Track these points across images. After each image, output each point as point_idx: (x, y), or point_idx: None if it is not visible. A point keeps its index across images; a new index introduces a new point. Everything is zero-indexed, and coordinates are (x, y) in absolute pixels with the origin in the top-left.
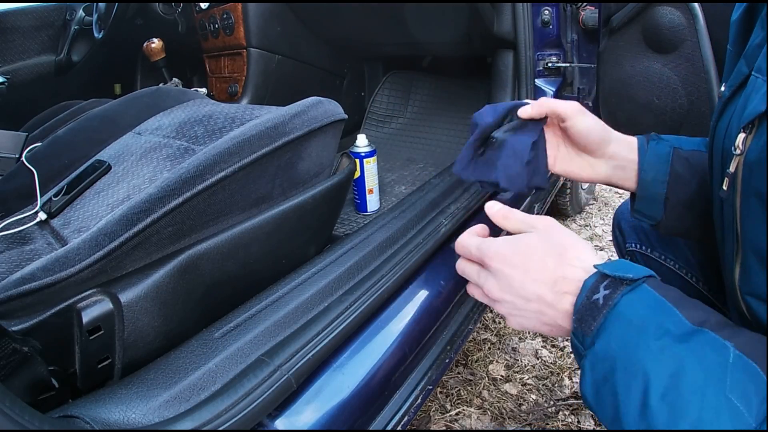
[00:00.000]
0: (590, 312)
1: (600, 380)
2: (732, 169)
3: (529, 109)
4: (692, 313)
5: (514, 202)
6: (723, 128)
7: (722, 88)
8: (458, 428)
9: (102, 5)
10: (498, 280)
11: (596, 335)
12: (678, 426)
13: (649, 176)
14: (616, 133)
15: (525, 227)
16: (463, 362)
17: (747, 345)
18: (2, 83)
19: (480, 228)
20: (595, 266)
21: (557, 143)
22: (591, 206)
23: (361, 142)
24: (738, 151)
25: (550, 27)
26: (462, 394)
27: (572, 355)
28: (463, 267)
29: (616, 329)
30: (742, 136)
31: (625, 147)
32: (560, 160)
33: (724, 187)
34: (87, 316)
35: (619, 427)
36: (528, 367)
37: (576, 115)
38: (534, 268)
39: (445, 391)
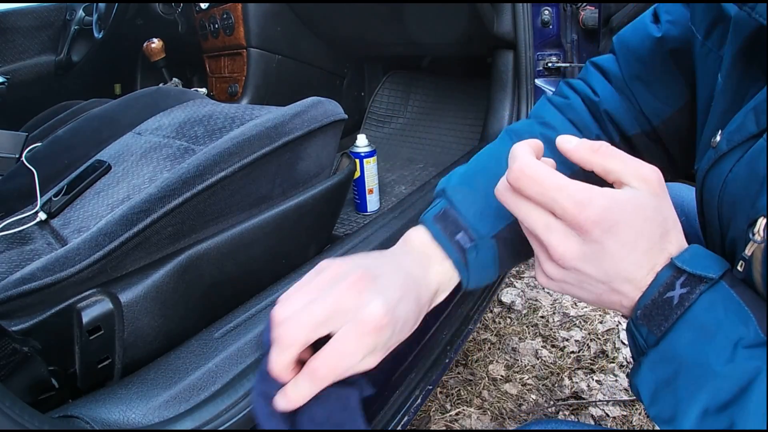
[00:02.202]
0: (662, 311)
1: (661, 382)
2: (748, 252)
3: (288, 404)
4: (765, 320)
5: None
6: (716, 184)
7: (717, 137)
8: (458, 428)
9: (102, 5)
10: (587, 246)
11: (666, 337)
12: None
13: (477, 284)
14: (419, 288)
15: (628, 176)
16: (463, 362)
17: None
18: (2, 83)
19: (551, 161)
20: (672, 258)
21: None
22: None
23: (361, 142)
24: (758, 238)
25: (550, 27)
26: (462, 394)
27: (572, 355)
28: (520, 207)
29: (687, 332)
30: (762, 221)
31: (434, 298)
32: None
33: (739, 269)
34: (87, 316)
35: (673, 428)
36: (528, 367)
37: (380, 344)
38: (642, 247)
39: (445, 391)
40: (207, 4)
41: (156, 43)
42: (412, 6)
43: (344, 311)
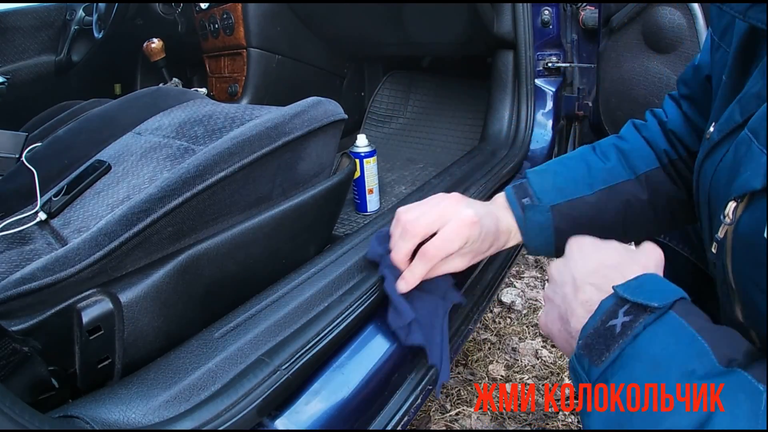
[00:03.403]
0: (603, 339)
1: (614, 420)
2: (720, 234)
3: (404, 286)
4: (722, 348)
5: None
6: (708, 172)
7: (711, 129)
8: (458, 428)
9: (102, 5)
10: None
11: (610, 370)
12: None
13: (535, 243)
14: (498, 221)
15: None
16: (463, 362)
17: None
18: (2, 83)
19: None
20: (614, 287)
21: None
22: None
23: (361, 142)
24: (728, 221)
25: (550, 27)
26: (462, 394)
27: None
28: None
29: (638, 368)
30: (732, 204)
31: (507, 237)
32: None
33: (713, 251)
34: (87, 316)
35: None
36: (528, 367)
37: (471, 239)
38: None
39: (445, 391)
40: (207, 4)
41: (156, 43)
42: (412, 6)
43: (448, 215)
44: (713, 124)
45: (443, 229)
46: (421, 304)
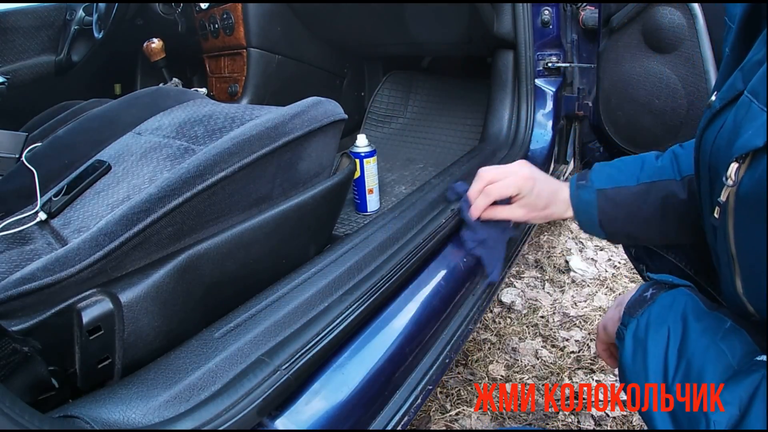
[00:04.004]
0: (640, 304)
1: (638, 342)
2: (723, 198)
3: (475, 212)
4: (708, 303)
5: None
6: (709, 140)
7: (713, 98)
8: (458, 428)
9: (102, 5)
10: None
11: (642, 316)
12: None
13: (582, 218)
14: (556, 192)
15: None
16: (463, 362)
17: (740, 320)
18: (2, 83)
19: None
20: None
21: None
22: None
23: (361, 142)
24: (730, 182)
25: (550, 27)
26: (462, 394)
27: (572, 355)
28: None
29: (655, 311)
30: (734, 166)
31: (565, 207)
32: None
33: (716, 215)
34: (87, 316)
35: (646, 381)
36: (528, 367)
37: (523, 191)
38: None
39: (445, 391)
40: (207, 4)
41: (156, 43)
42: (413, 6)
43: (512, 171)
44: (715, 93)
45: (504, 179)
46: (487, 232)
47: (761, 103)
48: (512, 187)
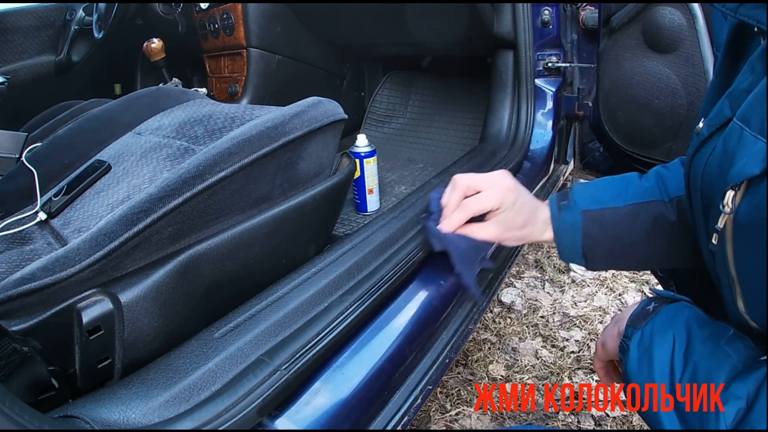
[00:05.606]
0: (643, 316)
1: (643, 350)
2: (720, 225)
3: (446, 228)
4: (708, 314)
5: None
6: (699, 167)
7: (700, 125)
8: (458, 428)
9: (102, 5)
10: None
11: (646, 328)
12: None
13: (564, 242)
14: (535, 210)
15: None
16: (463, 362)
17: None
18: (2, 83)
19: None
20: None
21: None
22: None
23: (361, 142)
24: (727, 210)
25: (550, 27)
26: (462, 394)
27: (572, 355)
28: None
29: (658, 321)
30: (731, 193)
31: (544, 229)
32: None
33: (714, 242)
34: (87, 316)
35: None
36: (528, 367)
37: (504, 205)
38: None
39: (445, 391)
40: (207, 4)
41: (156, 43)
42: (412, 6)
43: (492, 181)
44: (702, 120)
45: (483, 192)
46: (460, 256)
47: (753, 130)
48: (493, 199)
